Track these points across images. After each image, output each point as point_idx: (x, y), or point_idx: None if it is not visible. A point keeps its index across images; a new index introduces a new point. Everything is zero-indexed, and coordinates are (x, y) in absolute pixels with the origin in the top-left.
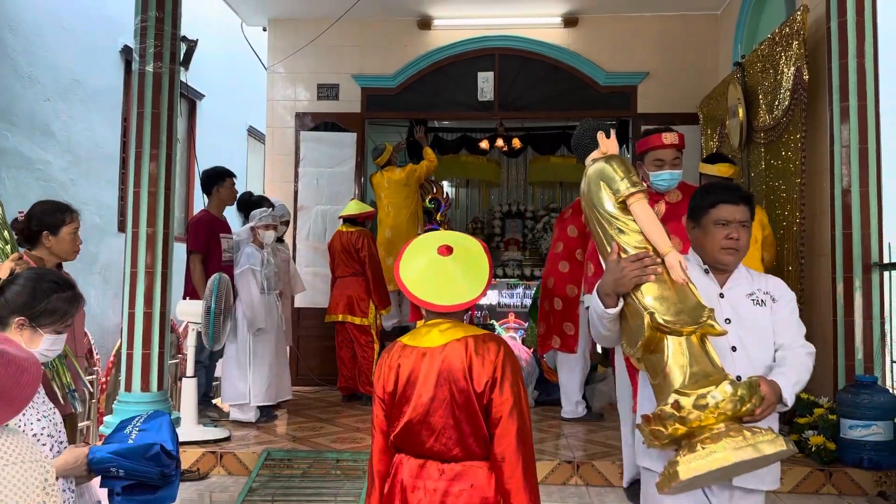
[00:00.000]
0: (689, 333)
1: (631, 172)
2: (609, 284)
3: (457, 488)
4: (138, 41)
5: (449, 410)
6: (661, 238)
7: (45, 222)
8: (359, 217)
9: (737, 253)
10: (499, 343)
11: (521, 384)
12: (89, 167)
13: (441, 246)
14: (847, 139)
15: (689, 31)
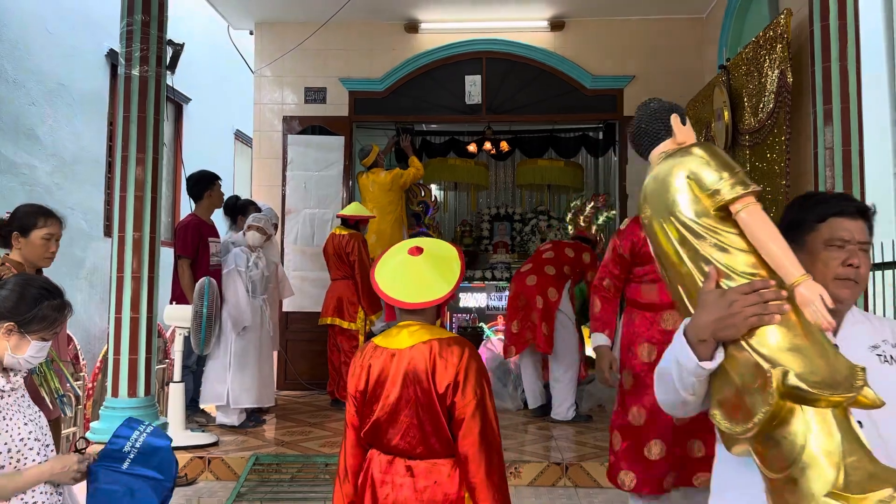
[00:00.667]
0: (838, 404)
1: (735, 168)
2: (705, 327)
3: (421, 484)
4: (124, 45)
5: (413, 410)
6: (789, 260)
7: (18, 224)
8: (351, 219)
9: (856, 286)
10: (463, 346)
11: (486, 386)
12: (75, 171)
13: (412, 247)
14: (830, 141)
15: (675, 35)
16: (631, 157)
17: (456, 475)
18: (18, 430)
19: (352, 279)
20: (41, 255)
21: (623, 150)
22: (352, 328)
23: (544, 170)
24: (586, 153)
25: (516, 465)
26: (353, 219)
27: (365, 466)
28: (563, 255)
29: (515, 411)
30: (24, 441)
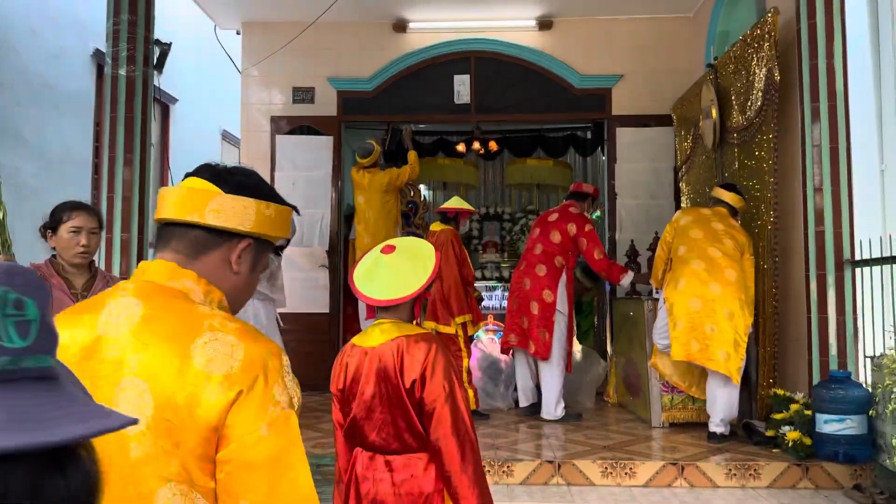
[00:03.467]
0: None
1: None
2: None
3: (398, 478)
4: (110, 45)
5: (386, 407)
6: None
7: (49, 220)
8: (450, 212)
9: None
10: (430, 343)
11: (455, 380)
12: (61, 173)
13: (385, 246)
14: (818, 139)
15: (662, 34)
16: (619, 156)
17: (432, 469)
18: None
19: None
20: (69, 249)
21: (611, 150)
22: (449, 332)
23: (533, 169)
24: (575, 152)
25: (508, 463)
26: (453, 212)
27: (350, 464)
28: (550, 246)
29: (507, 410)
30: None
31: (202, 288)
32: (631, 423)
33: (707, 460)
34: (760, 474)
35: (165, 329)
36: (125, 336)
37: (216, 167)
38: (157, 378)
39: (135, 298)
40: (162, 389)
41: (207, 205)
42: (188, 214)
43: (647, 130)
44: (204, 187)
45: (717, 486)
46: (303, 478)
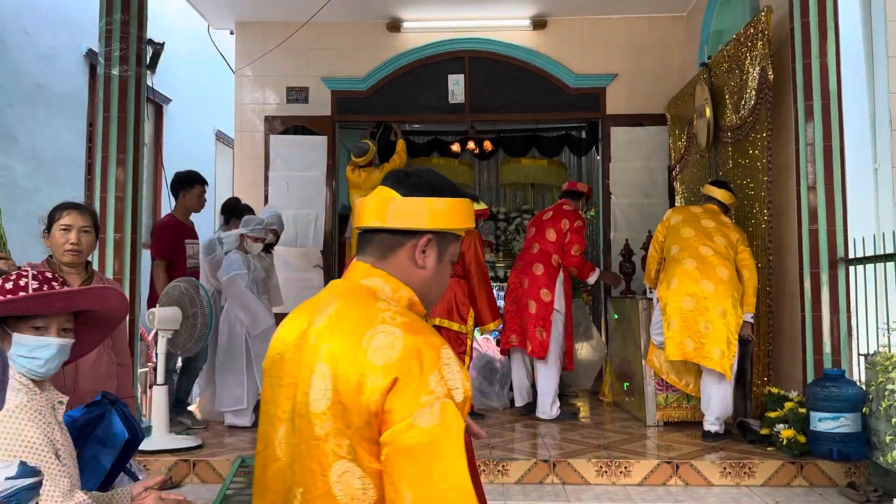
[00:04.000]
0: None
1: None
2: None
3: None
4: (103, 44)
5: None
6: None
7: (46, 223)
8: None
9: None
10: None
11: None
12: (54, 173)
13: None
14: (812, 137)
15: (656, 33)
16: (613, 156)
17: None
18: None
19: (463, 278)
20: (60, 247)
21: (606, 149)
22: (461, 331)
23: (528, 169)
24: (569, 152)
25: (503, 462)
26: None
27: None
28: (546, 245)
29: (502, 410)
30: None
31: (391, 286)
32: (626, 422)
33: (702, 459)
34: (755, 472)
35: (348, 322)
36: (322, 328)
37: (398, 173)
38: (337, 365)
39: (335, 296)
40: (340, 375)
41: (387, 209)
42: (374, 221)
43: (641, 130)
44: (386, 194)
45: (712, 484)
46: (456, 467)
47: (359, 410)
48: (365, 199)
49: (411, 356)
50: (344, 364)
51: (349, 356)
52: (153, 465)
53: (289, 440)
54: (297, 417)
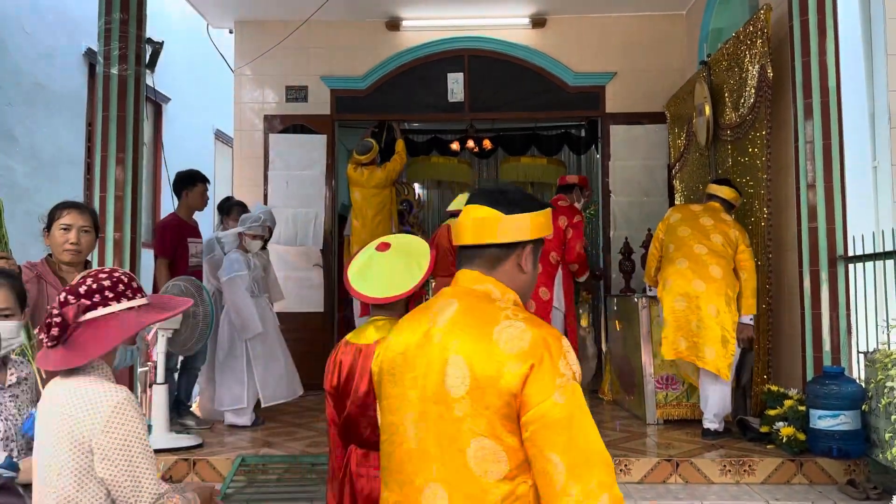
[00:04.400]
0: None
1: None
2: None
3: None
4: (102, 43)
5: None
6: None
7: (45, 222)
8: None
9: None
10: None
11: None
12: (53, 172)
13: (380, 243)
14: (811, 135)
15: (656, 31)
16: (613, 154)
17: None
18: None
19: None
20: (60, 246)
21: (605, 147)
22: None
23: (527, 167)
24: (569, 150)
25: None
26: None
27: (345, 461)
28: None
29: None
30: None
31: (500, 290)
32: (626, 420)
33: (702, 456)
34: (755, 470)
35: (474, 320)
36: (447, 326)
37: (490, 192)
38: (472, 356)
39: (454, 299)
40: (476, 364)
41: (497, 228)
42: (485, 239)
43: (641, 128)
44: (488, 214)
45: (712, 482)
46: (592, 434)
47: (498, 393)
48: (463, 219)
49: (540, 346)
50: (479, 355)
51: (482, 348)
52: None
53: (418, 425)
54: (429, 404)
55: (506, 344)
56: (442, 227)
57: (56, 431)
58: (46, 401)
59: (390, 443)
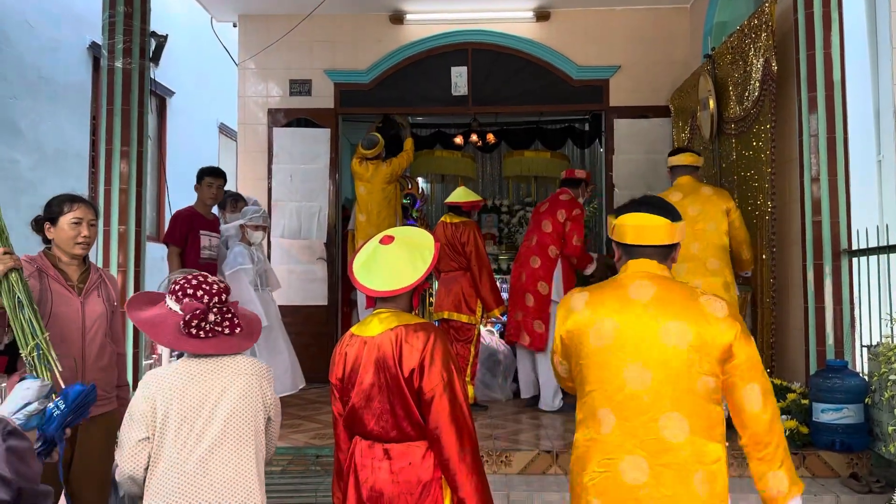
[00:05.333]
0: None
1: None
2: None
3: (397, 466)
4: (106, 37)
5: (385, 395)
6: None
7: (47, 212)
8: (464, 206)
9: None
10: (429, 332)
11: (454, 370)
12: (58, 166)
13: (384, 236)
14: (815, 128)
15: (660, 24)
16: (617, 148)
17: (430, 457)
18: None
19: (468, 270)
20: (71, 240)
21: (609, 141)
22: (470, 321)
23: (531, 161)
24: (572, 144)
25: (507, 453)
26: (467, 206)
27: (350, 452)
28: (543, 236)
29: (505, 401)
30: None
31: (671, 275)
32: None
33: None
34: None
35: (678, 296)
36: (653, 301)
37: (663, 205)
38: (690, 320)
39: (647, 280)
40: (695, 326)
41: (675, 231)
42: (665, 241)
43: (645, 121)
44: (662, 222)
45: None
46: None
47: (719, 347)
48: (643, 223)
49: (735, 314)
50: (695, 319)
51: (697, 314)
52: None
53: (643, 373)
54: (652, 358)
55: (715, 310)
56: (438, 226)
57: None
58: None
59: (601, 391)
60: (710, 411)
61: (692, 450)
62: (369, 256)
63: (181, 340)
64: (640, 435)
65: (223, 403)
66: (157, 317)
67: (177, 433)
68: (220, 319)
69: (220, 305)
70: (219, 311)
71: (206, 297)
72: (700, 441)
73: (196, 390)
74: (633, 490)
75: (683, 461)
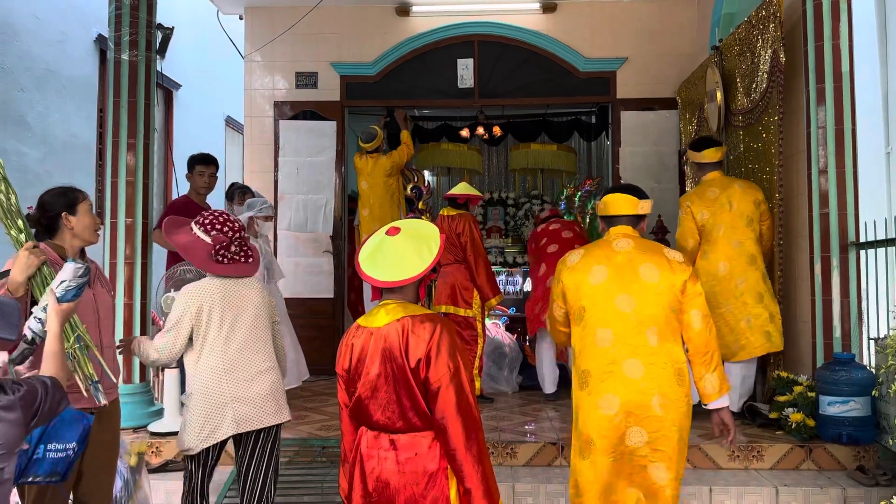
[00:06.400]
0: None
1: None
2: None
3: (403, 456)
4: (113, 29)
5: (391, 386)
6: None
7: (62, 203)
8: (459, 198)
9: None
10: (435, 322)
11: (460, 361)
12: (65, 158)
13: (391, 227)
14: (823, 120)
15: (667, 16)
16: (624, 140)
17: (436, 447)
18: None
19: (464, 263)
20: (92, 228)
21: (616, 133)
22: (468, 315)
23: (537, 154)
24: (579, 137)
25: (512, 445)
26: (463, 198)
27: (356, 443)
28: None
29: (511, 394)
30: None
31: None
32: None
33: (710, 442)
34: (764, 456)
35: (649, 247)
36: (631, 250)
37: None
38: (660, 264)
39: (625, 238)
40: (663, 269)
41: (639, 206)
42: (633, 212)
43: (652, 114)
44: (630, 199)
45: (721, 467)
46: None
47: (678, 282)
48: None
49: (689, 262)
50: (663, 264)
51: (664, 262)
52: (165, 446)
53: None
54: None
55: (675, 260)
56: (437, 219)
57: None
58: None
59: (601, 317)
60: (675, 326)
61: (666, 351)
62: (376, 247)
63: (210, 264)
64: (632, 344)
65: (248, 308)
66: (189, 243)
67: (219, 328)
68: (238, 250)
69: (240, 239)
70: (238, 244)
71: (231, 233)
72: (670, 345)
73: (229, 298)
74: (634, 383)
75: (663, 361)
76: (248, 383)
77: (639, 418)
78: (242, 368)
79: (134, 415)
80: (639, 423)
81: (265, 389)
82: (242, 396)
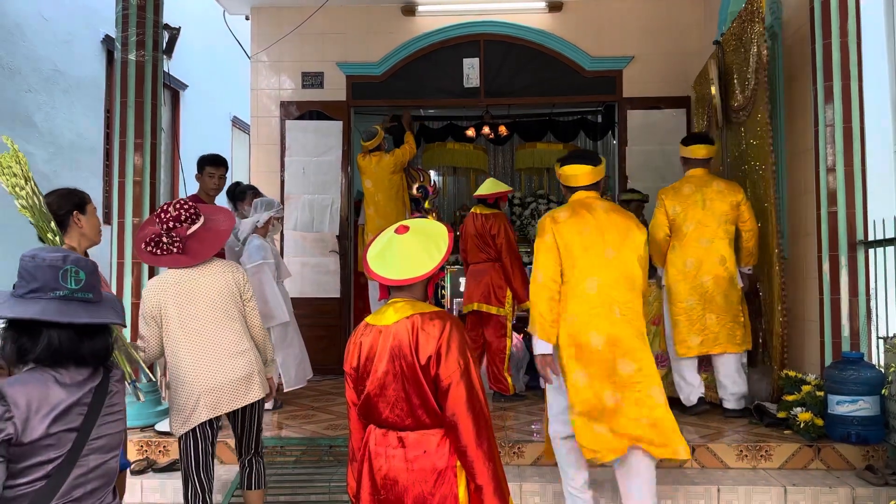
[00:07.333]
0: None
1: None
2: None
3: (411, 454)
4: (120, 29)
5: (400, 384)
6: None
7: (71, 202)
8: (489, 198)
9: None
10: (445, 320)
11: (470, 358)
12: (72, 158)
13: (399, 226)
14: (831, 119)
15: (674, 14)
16: (630, 139)
17: (445, 445)
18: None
19: (497, 262)
20: (99, 228)
21: (622, 132)
22: (500, 314)
23: (543, 153)
24: (585, 136)
25: (519, 444)
26: (493, 196)
27: (364, 441)
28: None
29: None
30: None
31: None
32: None
33: (718, 441)
34: (772, 455)
35: (613, 208)
36: (602, 211)
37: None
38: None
39: (594, 202)
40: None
41: (594, 171)
42: (591, 181)
43: (658, 113)
44: (586, 169)
45: (729, 466)
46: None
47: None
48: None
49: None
50: (629, 222)
51: (628, 219)
52: (171, 445)
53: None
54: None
55: (634, 220)
56: (468, 217)
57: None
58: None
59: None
60: (638, 273)
61: (633, 297)
62: (384, 246)
63: (144, 255)
64: (613, 293)
65: (202, 295)
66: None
67: (178, 319)
68: (170, 241)
69: (170, 231)
70: (170, 236)
71: (160, 224)
72: (635, 294)
73: (182, 288)
74: (616, 322)
75: (634, 305)
76: (216, 370)
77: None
78: (210, 355)
79: (141, 414)
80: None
81: (238, 374)
82: (211, 385)
